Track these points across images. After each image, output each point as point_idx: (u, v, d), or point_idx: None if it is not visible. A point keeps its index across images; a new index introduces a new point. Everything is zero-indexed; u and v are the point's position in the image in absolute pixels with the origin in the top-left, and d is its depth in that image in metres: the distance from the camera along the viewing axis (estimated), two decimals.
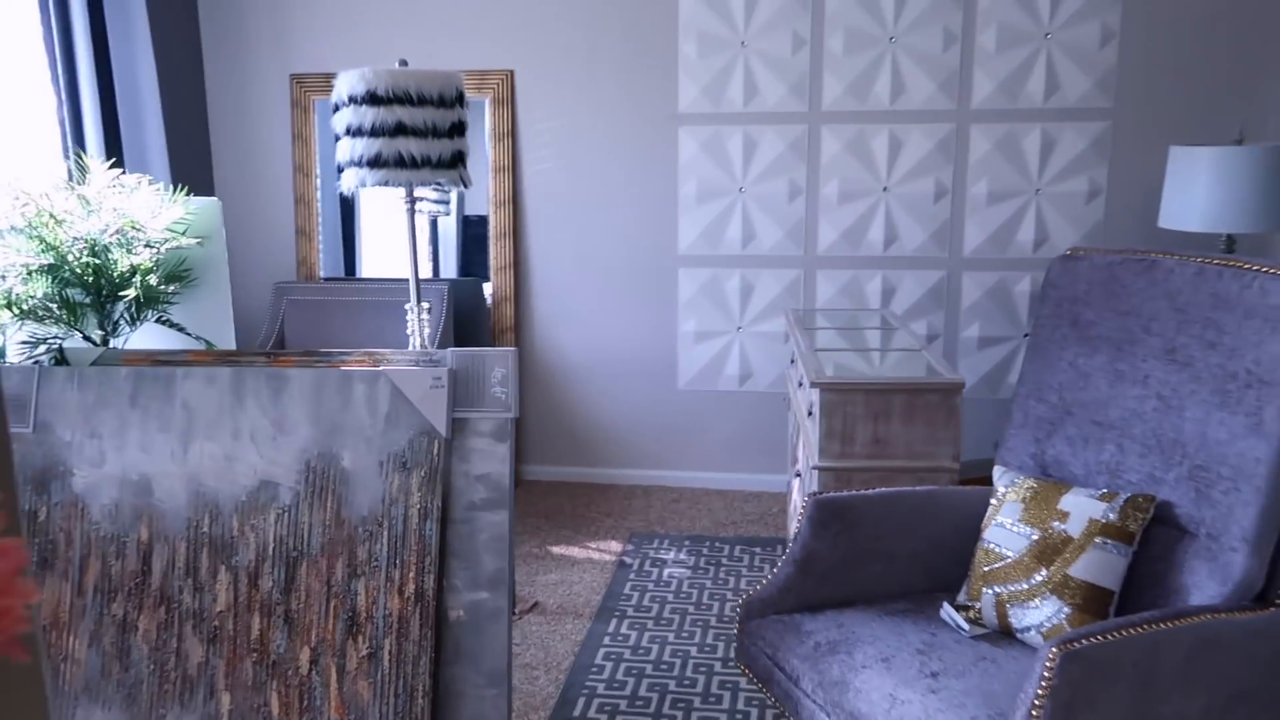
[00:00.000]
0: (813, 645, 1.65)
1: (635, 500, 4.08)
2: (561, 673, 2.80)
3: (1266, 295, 1.45)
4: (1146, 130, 3.66)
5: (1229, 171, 2.95)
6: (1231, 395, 1.47)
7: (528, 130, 4.03)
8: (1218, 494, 1.48)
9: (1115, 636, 1.30)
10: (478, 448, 2.09)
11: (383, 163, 2.30)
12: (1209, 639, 1.37)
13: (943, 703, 1.45)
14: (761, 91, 3.84)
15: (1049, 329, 1.81)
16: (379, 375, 2.08)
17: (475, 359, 2.10)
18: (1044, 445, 1.81)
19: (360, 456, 2.06)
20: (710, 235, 3.99)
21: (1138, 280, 1.66)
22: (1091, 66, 3.66)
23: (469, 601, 2.07)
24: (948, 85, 3.75)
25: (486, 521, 2.08)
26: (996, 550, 1.69)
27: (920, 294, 3.93)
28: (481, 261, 4.28)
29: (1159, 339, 1.60)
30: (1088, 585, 1.56)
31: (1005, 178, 3.79)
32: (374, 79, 2.27)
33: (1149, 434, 1.61)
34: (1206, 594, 1.47)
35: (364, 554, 2.05)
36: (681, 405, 4.17)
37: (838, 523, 1.77)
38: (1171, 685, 1.35)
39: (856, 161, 3.85)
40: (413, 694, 2.02)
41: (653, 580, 3.36)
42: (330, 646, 2.03)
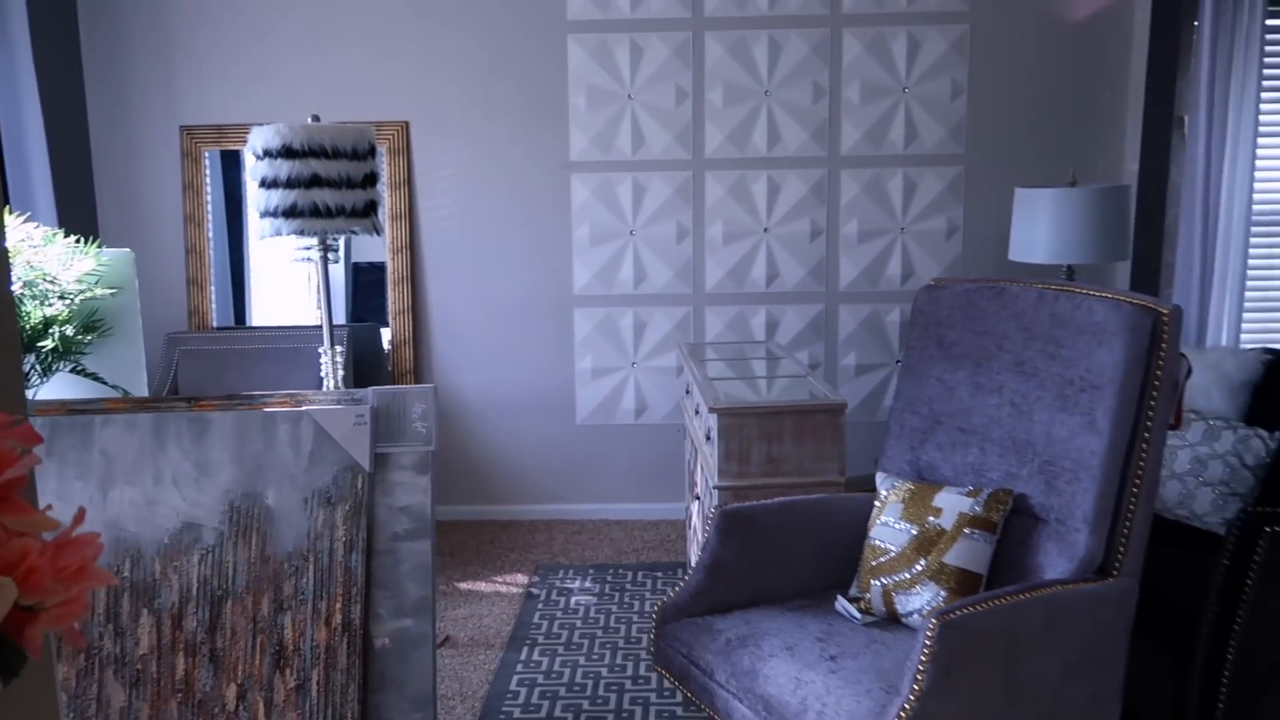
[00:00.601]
0: (724, 641, 1.82)
1: (539, 534, 4.19)
2: (477, 701, 2.88)
3: (1093, 314, 1.72)
4: (995, 174, 4.06)
5: (1065, 210, 3.33)
6: (1070, 399, 1.73)
7: (424, 179, 4.15)
8: (1063, 484, 1.73)
9: (984, 607, 1.51)
10: (400, 480, 2.19)
11: (298, 212, 2.39)
12: (1060, 607, 1.60)
13: (841, 680, 1.63)
14: (648, 141, 4.08)
15: (918, 350, 2.05)
16: (302, 415, 2.16)
17: (396, 396, 2.21)
18: (918, 452, 2.04)
19: (285, 494, 2.13)
20: (604, 276, 4.18)
21: (990, 304, 1.91)
22: (945, 117, 4.04)
23: (394, 629, 2.15)
24: (819, 134, 4.06)
25: (410, 551, 2.17)
26: (882, 546, 1.90)
27: (801, 326, 4.20)
28: (373, 308, 4.34)
29: (1010, 354, 1.86)
30: (960, 570, 1.79)
31: (873, 218, 4.11)
32: (289, 133, 2.37)
33: (1005, 437, 1.85)
34: (1058, 570, 1.71)
35: (290, 589, 2.11)
36: (580, 440, 4.31)
37: (742, 531, 1.95)
38: (1032, 648, 1.57)
39: (738, 205, 4.12)
40: None
41: (560, 609, 3.47)
42: (257, 681, 2.08)
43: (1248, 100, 3.69)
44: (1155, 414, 1.67)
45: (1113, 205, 3.33)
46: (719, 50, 4.00)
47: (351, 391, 2.21)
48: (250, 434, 2.15)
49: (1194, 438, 2.81)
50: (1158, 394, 1.66)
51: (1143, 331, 1.65)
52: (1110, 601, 1.66)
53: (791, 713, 1.60)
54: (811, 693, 1.61)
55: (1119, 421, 1.66)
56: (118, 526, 2.12)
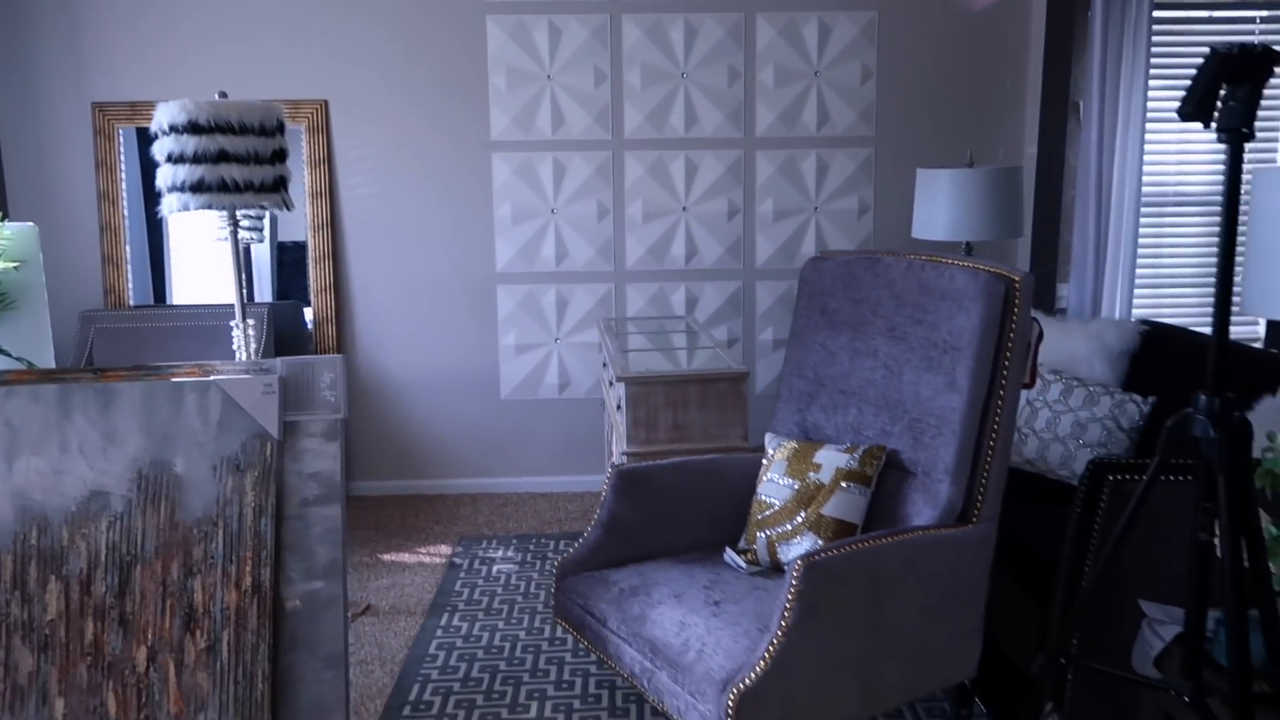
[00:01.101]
0: (618, 591, 1.92)
1: (464, 507, 4.26)
2: (396, 664, 2.95)
3: (954, 281, 1.85)
4: (902, 155, 4.21)
5: (963, 189, 3.49)
6: (934, 361, 1.86)
7: (344, 157, 4.17)
8: (928, 439, 1.86)
9: (846, 551, 1.64)
10: (309, 448, 2.25)
11: (206, 187, 2.42)
12: (920, 550, 1.73)
13: (722, 623, 1.74)
14: (568, 121, 4.15)
15: (804, 318, 2.17)
16: (210, 385, 2.20)
17: (305, 366, 2.26)
18: (804, 414, 2.16)
19: (194, 462, 2.17)
20: (526, 254, 4.25)
21: (867, 274, 2.04)
22: (855, 100, 4.18)
23: (304, 591, 2.21)
24: (735, 116, 4.17)
25: (319, 516, 2.23)
26: (767, 501, 2.02)
27: (720, 302, 4.32)
28: (298, 287, 4.36)
29: (884, 320, 1.98)
30: (837, 521, 1.91)
31: (788, 197, 4.24)
32: (195, 109, 2.40)
33: (880, 397, 1.98)
34: (924, 518, 1.84)
35: (200, 553, 2.16)
36: (505, 415, 4.38)
37: (637, 489, 2.06)
38: (894, 587, 1.70)
39: (657, 184, 4.21)
40: (252, 680, 2.14)
41: (482, 577, 3.56)
42: (167, 643, 2.13)
43: (1137, 87, 3.89)
44: (1009, 373, 1.80)
45: (1006, 185, 3.50)
46: (636, 33, 4.08)
47: (260, 361, 2.26)
48: (158, 403, 2.19)
49: (1075, 403, 2.99)
50: (1011, 355, 1.80)
51: (997, 297, 1.79)
52: (969, 545, 1.79)
53: (674, 652, 1.71)
54: (694, 634, 1.72)
55: (977, 380, 1.80)
56: (24, 496, 2.14)
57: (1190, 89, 1.21)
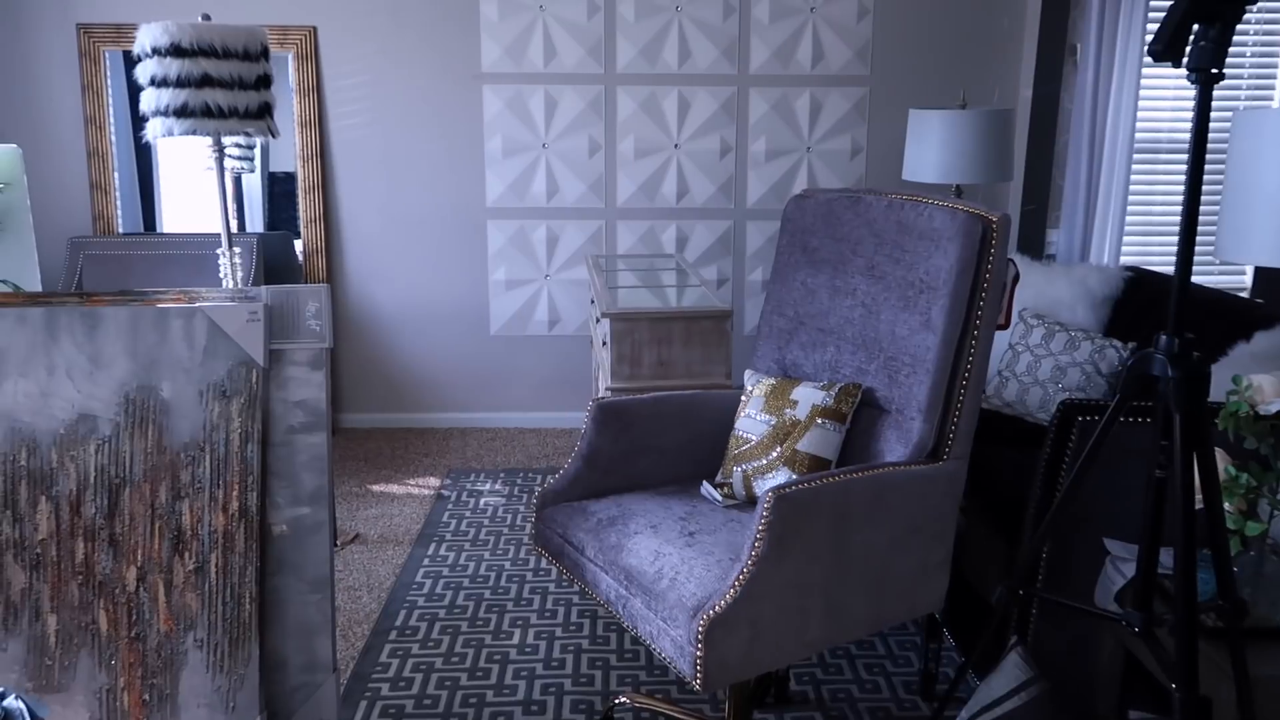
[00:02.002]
0: (595, 521, 1.97)
1: (453, 441, 4.31)
2: (384, 591, 3.02)
3: (932, 221, 1.86)
4: (897, 95, 4.18)
5: (955, 131, 3.47)
6: (910, 300, 1.88)
7: (333, 86, 4.13)
8: (902, 378, 1.89)
9: (817, 484, 1.68)
10: (295, 376, 2.27)
11: (190, 112, 2.41)
12: (889, 484, 1.77)
13: (696, 552, 1.79)
14: (560, 54, 4.10)
15: (785, 256, 2.19)
16: (195, 311, 2.22)
17: (290, 294, 2.27)
18: (784, 351, 2.19)
19: (180, 387, 2.20)
20: (517, 189, 4.23)
21: (848, 213, 2.05)
22: (851, 38, 4.13)
23: (291, 517, 2.26)
24: (729, 52, 4.13)
25: (305, 443, 2.27)
26: (744, 436, 2.06)
27: (711, 241, 4.32)
28: (288, 218, 4.34)
29: (863, 259, 2.00)
30: (811, 456, 1.95)
31: (781, 137, 4.22)
32: (178, 32, 2.37)
33: (857, 335, 2.01)
34: (896, 455, 1.88)
35: (187, 477, 2.20)
36: (494, 350, 4.41)
37: (617, 422, 2.09)
38: (862, 520, 1.74)
39: (650, 120, 4.18)
40: (240, 601, 2.20)
41: (469, 509, 3.62)
42: (157, 564, 2.18)
43: (1134, 31, 3.85)
44: (984, 313, 1.83)
45: (998, 128, 3.48)
46: None
47: (245, 289, 2.27)
48: (144, 329, 2.21)
49: (1056, 348, 3.02)
50: (987, 295, 1.82)
51: (974, 237, 1.80)
52: (938, 481, 1.84)
53: (648, 580, 1.76)
54: (668, 563, 1.77)
55: (951, 319, 1.82)
56: (12, 417, 2.17)
57: (1161, 28, 1.21)
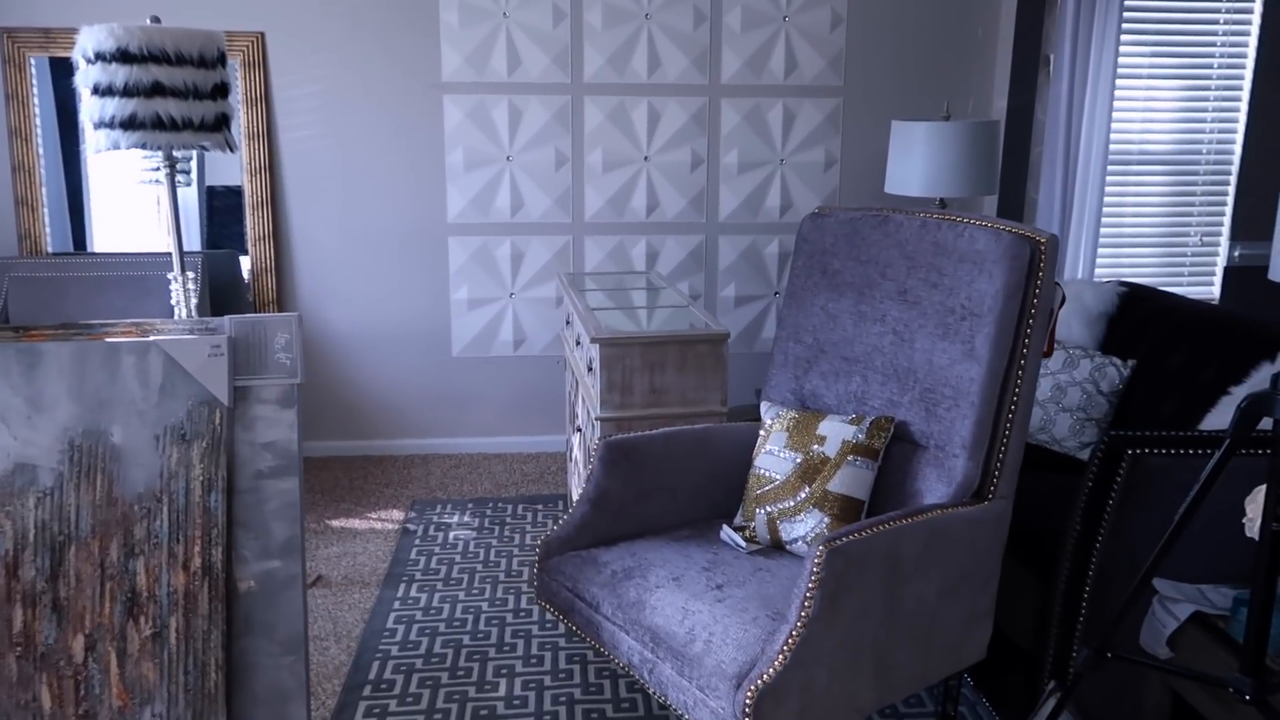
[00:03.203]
0: (610, 574, 1.79)
1: (415, 469, 4.08)
2: (353, 641, 2.79)
3: (974, 242, 1.73)
4: (871, 106, 4.08)
5: (939, 143, 3.38)
6: (950, 327, 1.75)
7: (283, 95, 3.88)
8: (942, 411, 1.75)
9: (868, 534, 1.52)
10: (263, 415, 2.05)
11: (139, 124, 2.17)
12: (939, 530, 1.63)
13: (728, 609, 1.62)
14: (525, 62, 3.91)
15: (802, 278, 2.04)
16: (150, 345, 1.98)
17: (256, 325, 2.05)
18: (802, 381, 2.04)
19: (133, 431, 1.96)
20: (479, 203, 4.03)
21: (874, 233, 1.91)
22: (824, 47, 4.02)
23: (260, 571, 2.03)
24: (700, 61, 3.99)
25: (275, 490, 2.05)
26: (766, 474, 1.90)
27: (682, 256, 4.17)
28: (231, 235, 4.07)
29: (893, 283, 1.86)
30: (843, 497, 1.80)
31: (753, 148, 4.09)
32: (125, 35, 2.13)
33: (888, 365, 1.86)
34: (936, 495, 1.74)
35: (142, 532, 1.96)
36: (457, 372, 4.19)
37: (626, 461, 1.92)
38: (913, 570, 1.60)
39: (618, 131, 4.02)
40: (204, 670, 1.96)
41: (438, 544, 3.40)
42: (108, 631, 1.93)
43: (1108, 42, 3.81)
44: (1031, 341, 1.70)
45: (984, 139, 3.40)
46: None
47: (206, 320, 2.04)
48: (91, 366, 1.96)
49: (1055, 366, 2.93)
50: (1034, 322, 1.69)
51: (1022, 260, 1.67)
52: (986, 524, 1.70)
53: (679, 643, 1.58)
54: (699, 622, 1.60)
55: (997, 349, 1.69)
56: None
57: None
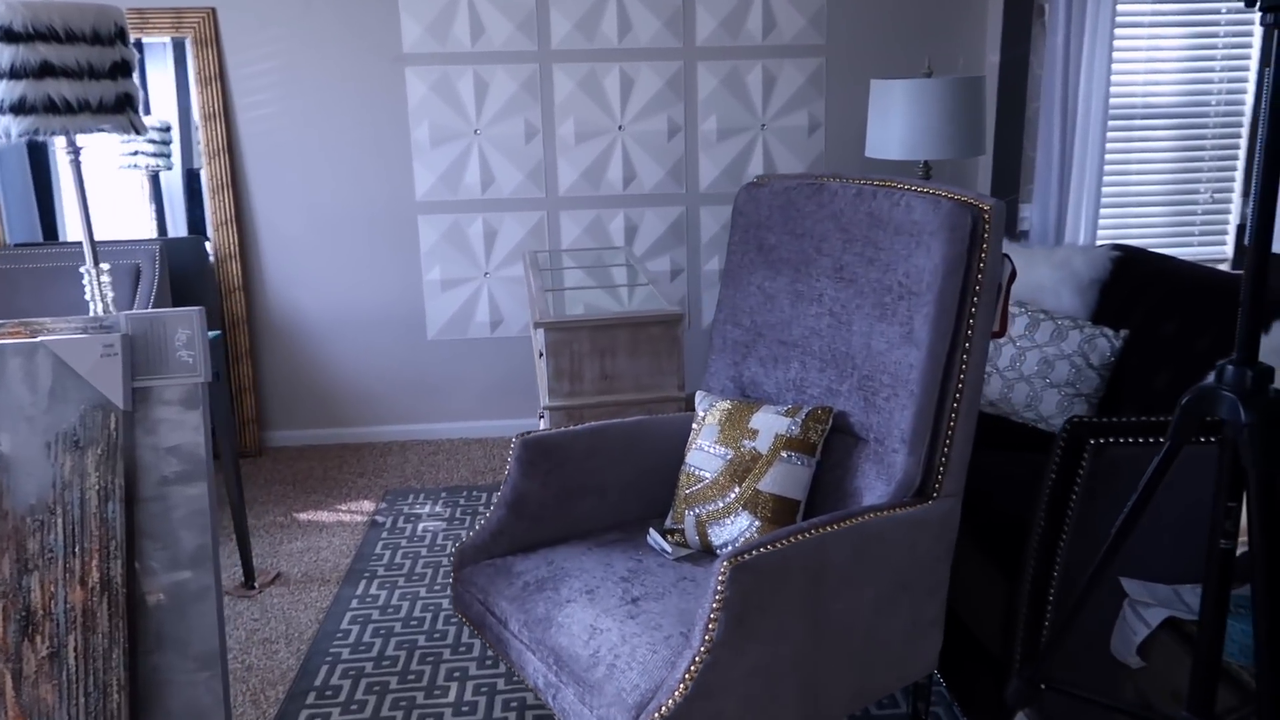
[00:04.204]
0: (521, 585, 1.64)
1: (391, 457, 3.96)
2: (304, 643, 2.68)
3: (911, 212, 1.54)
4: (856, 65, 3.86)
5: (920, 102, 3.16)
6: (888, 308, 1.57)
7: (238, 73, 3.73)
8: (881, 400, 1.58)
9: (784, 545, 1.36)
10: (165, 418, 1.92)
11: (29, 108, 2.03)
12: (872, 535, 1.46)
13: (640, 626, 1.47)
14: (489, 30, 3.73)
15: (739, 255, 1.86)
16: (37, 347, 1.85)
17: (155, 321, 1.91)
18: (740, 368, 1.87)
19: (22, 439, 1.84)
20: (449, 180, 3.87)
21: (809, 203, 1.73)
22: (804, 4, 3.80)
23: (169, 583, 1.91)
24: (673, 23, 3.78)
25: (182, 496, 1.92)
26: (696, 473, 1.74)
27: (662, 230, 3.99)
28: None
29: (829, 259, 1.68)
30: (776, 498, 1.64)
31: (733, 114, 3.89)
32: (7, 13, 1.98)
33: (825, 349, 1.69)
34: (876, 494, 1.57)
35: (35, 546, 1.84)
36: (433, 356, 4.06)
37: (546, 461, 1.76)
38: (841, 582, 1.43)
39: (590, 100, 3.83)
40: (106, 690, 1.85)
41: (405, 537, 3.28)
42: (2, 652, 1.82)
43: None
44: (977, 321, 1.52)
45: (968, 97, 3.18)
46: None
47: (100, 317, 1.90)
48: None
49: (1042, 338, 2.73)
50: (979, 299, 1.51)
51: (962, 230, 1.49)
52: (929, 525, 1.53)
53: (582, 666, 1.44)
54: (605, 643, 1.45)
55: (938, 330, 1.51)
56: None
57: None
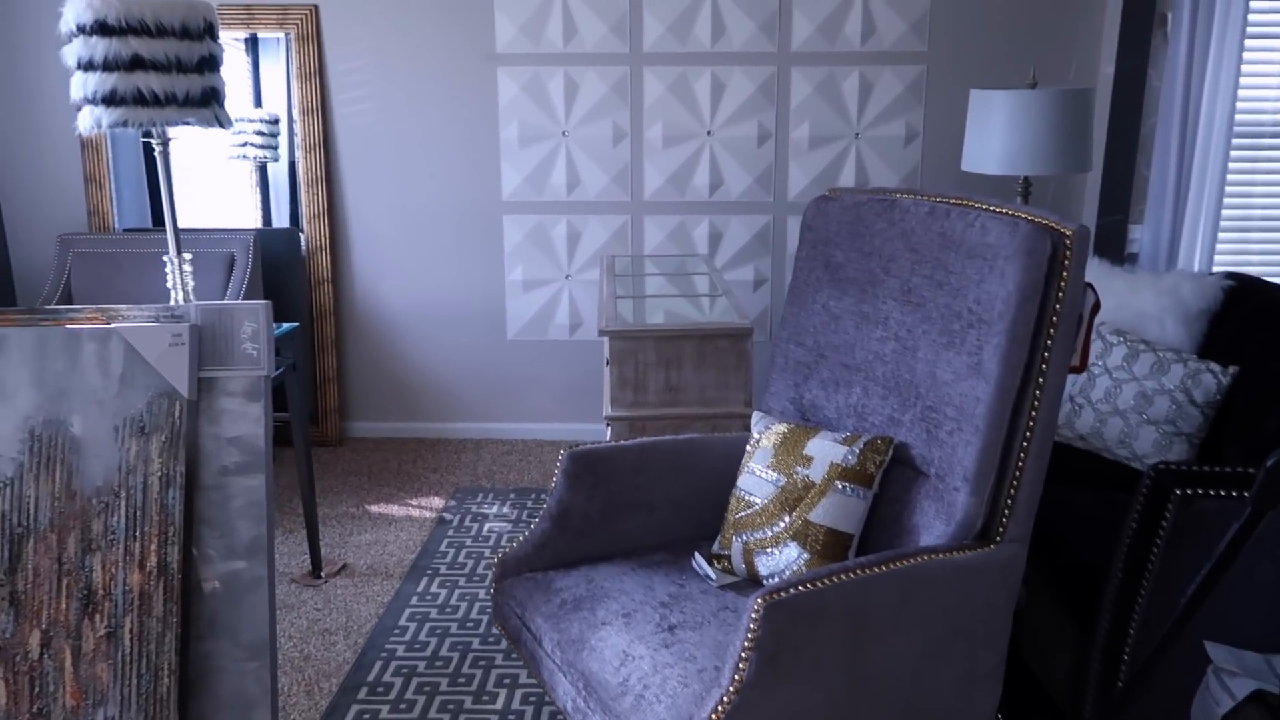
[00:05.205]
0: (559, 603, 1.60)
1: (465, 454, 3.98)
2: (361, 636, 2.70)
3: (986, 234, 1.44)
4: (958, 74, 3.70)
5: (1022, 114, 3.00)
6: (956, 335, 1.47)
7: (336, 69, 3.81)
8: (944, 434, 1.48)
9: (823, 584, 1.28)
10: (228, 409, 1.95)
11: (119, 100, 2.09)
12: (924, 579, 1.37)
13: (673, 656, 1.41)
14: (581, 31, 3.72)
15: (805, 271, 1.78)
16: (111, 333, 1.90)
17: (223, 313, 1.94)
18: (801, 389, 1.78)
19: (92, 422, 1.89)
20: (535, 180, 3.87)
21: (879, 220, 1.63)
22: (906, 9, 3.67)
23: (224, 572, 1.94)
24: (768, 27, 3.70)
25: (241, 487, 1.95)
26: (746, 497, 1.66)
27: (747, 238, 3.91)
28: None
29: (897, 280, 1.59)
30: (827, 530, 1.55)
31: (826, 121, 3.78)
32: (102, 7, 2.04)
33: (889, 376, 1.60)
34: (934, 533, 1.47)
35: (100, 527, 1.89)
36: (511, 356, 4.07)
37: (592, 475, 1.72)
38: (885, 627, 1.34)
39: (680, 104, 3.78)
40: (157, 673, 1.88)
41: (471, 536, 3.28)
42: (64, 628, 1.88)
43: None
44: (1052, 355, 1.40)
45: (1075, 110, 3.00)
46: None
47: (171, 307, 1.94)
48: (52, 353, 1.90)
49: (1141, 371, 2.56)
50: (1056, 332, 1.39)
51: (1040, 256, 1.38)
52: (988, 572, 1.42)
53: (610, 694, 1.38)
54: (636, 671, 1.39)
55: (1008, 363, 1.40)
56: None
57: None
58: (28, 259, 3.99)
